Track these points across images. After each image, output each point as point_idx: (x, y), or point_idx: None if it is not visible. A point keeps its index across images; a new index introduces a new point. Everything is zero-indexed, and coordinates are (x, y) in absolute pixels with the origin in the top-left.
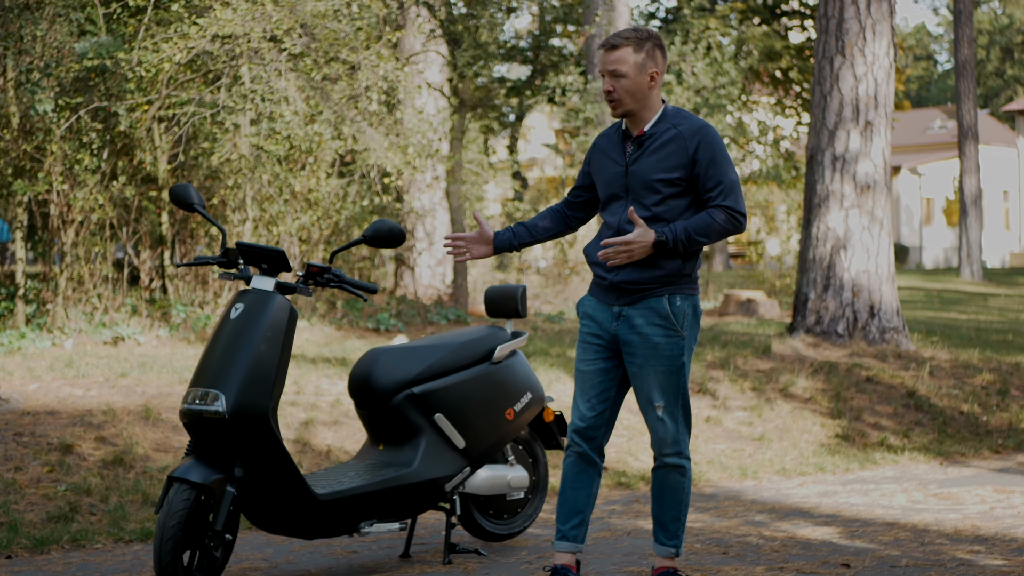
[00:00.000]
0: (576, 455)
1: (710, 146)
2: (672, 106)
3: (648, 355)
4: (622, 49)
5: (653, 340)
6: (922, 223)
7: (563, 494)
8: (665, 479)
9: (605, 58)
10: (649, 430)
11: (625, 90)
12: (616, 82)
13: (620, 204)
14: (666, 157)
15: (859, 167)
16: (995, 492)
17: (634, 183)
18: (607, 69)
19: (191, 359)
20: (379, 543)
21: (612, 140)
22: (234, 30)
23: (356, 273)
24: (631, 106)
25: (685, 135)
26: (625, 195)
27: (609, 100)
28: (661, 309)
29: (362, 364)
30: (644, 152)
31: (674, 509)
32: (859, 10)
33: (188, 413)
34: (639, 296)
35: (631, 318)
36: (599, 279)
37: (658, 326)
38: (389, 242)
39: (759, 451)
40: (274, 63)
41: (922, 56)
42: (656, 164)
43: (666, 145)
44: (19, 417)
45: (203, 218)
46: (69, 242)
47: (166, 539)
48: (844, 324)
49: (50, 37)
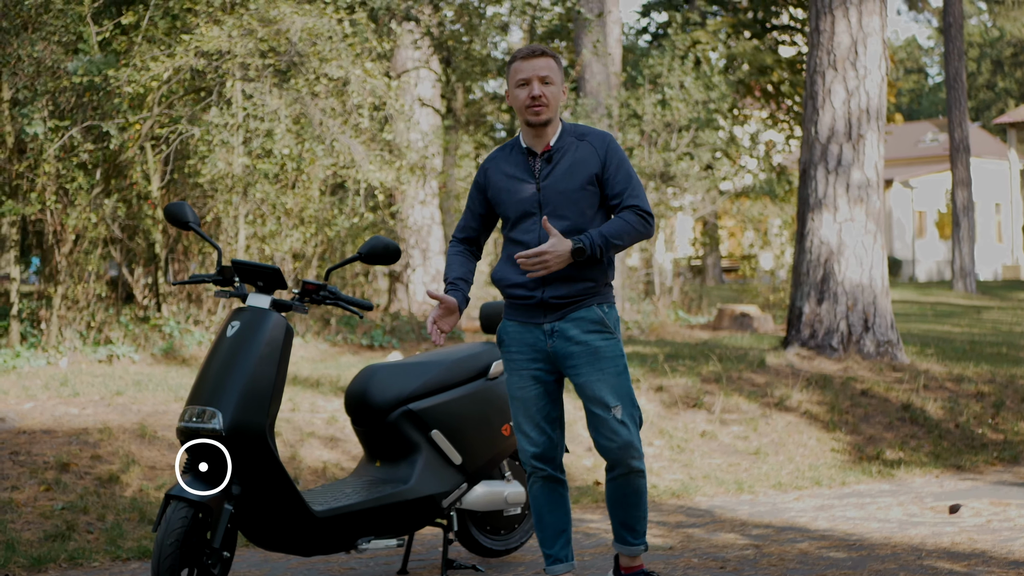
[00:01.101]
0: (542, 479)
1: (617, 151)
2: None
3: (592, 361)
4: (549, 59)
5: (594, 345)
6: (914, 236)
7: (541, 520)
8: (628, 485)
9: (532, 64)
10: (605, 438)
11: (552, 97)
12: (546, 88)
13: (532, 221)
14: (579, 164)
15: (852, 180)
16: (991, 505)
17: (549, 197)
18: (537, 75)
19: (186, 377)
20: (376, 560)
21: (510, 160)
22: (220, 46)
23: (350, 290)
24: (551, 115)
25: (594, 143)
26: (539, 211)
27: (536, 106)
28: (594, 316)
29: (358, 381)
30: (555, 166)
31: (639, 510)
32: (850, 24)
33: (185, 431)
34: (569, 309)
35: (565, 331)
36: (522, 299)
37: (595, 332)
38: (384, 259)
39: (755, 465)
40: (262, 80)
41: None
42: (570, 176)
43: (576, 154)
44: (15, 436)
45: (198, 236)
46: (63, 261)
47: (164, 557)
48: (839, 337)
49: (44, 56)
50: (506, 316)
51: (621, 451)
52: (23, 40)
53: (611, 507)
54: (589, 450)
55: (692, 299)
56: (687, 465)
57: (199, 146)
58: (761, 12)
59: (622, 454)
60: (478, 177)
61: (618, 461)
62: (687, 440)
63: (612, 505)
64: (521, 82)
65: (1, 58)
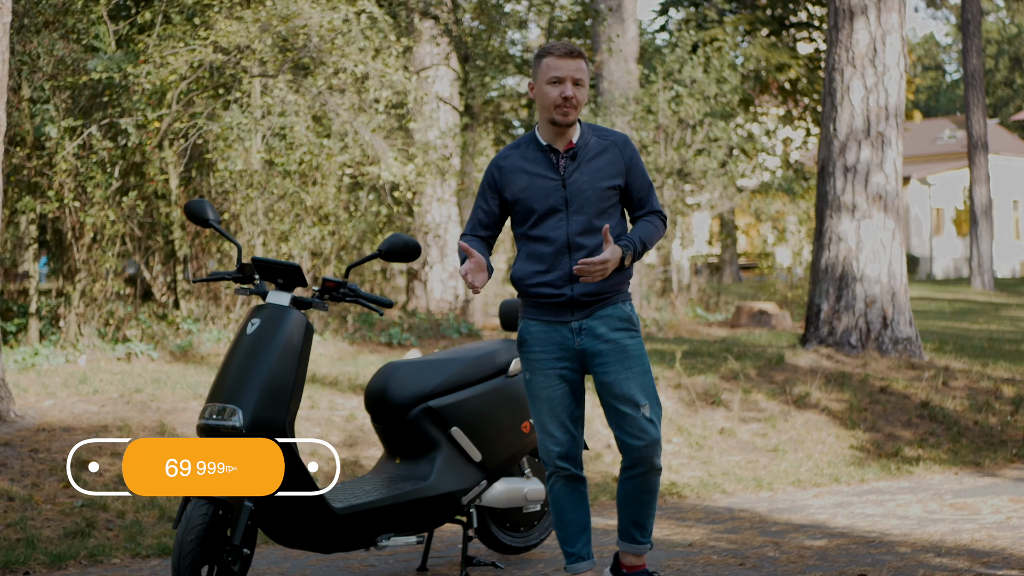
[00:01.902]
0: (564, 479)
1: (637, 155)
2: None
3: (621, 359)
4: (582, 60)
5: (622, 343)
6: (932, 233)
7: (563, 519)
8: (647, 482)
9: (569, 64)
10: (632, 436)
11: (580, 100)
12: (577, 90)
13: (559, 218)
14: (606, 166)
15: (871, 178)
16: (1011, 502)
17: (575, 195)
18: (572, 76)
19: (204, 375)
20: (396, 556)
21: (528, 157)
22: (237, 41)
23: (368, 288)
24: (577, 117)
25: (618, 145)
26: (565, 208)
27: (566, 107)
28: (621, 314)
29: (378, 378)
30: (581, 164)
31: (652, 508)
32: (869, 21)
33: (206, 428)
34: (597, 307)
35: (593, 329)
36: (549, 298)
37: (622, 329)
38: (404, 256)
39: (773, 462)
40: (280, 75)
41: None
42: (597, 174)
43: (601, 155)
44: (34, 433)
45: (217, 233)
46: (81, 258)
47: (184, 554)
48: (857, 335)
49: (65, 55)
50: (527, 316)
51: (648, 449)
52: (43, 39)
53: (623, 504)
54: (608, 447)
55: (710, 296)
56: (706, 463)
57: (218, 143)
58: (779, 9)
59: (648, 452)
60: (489, 176)
61: (643, 459)
62: (706, 438)
63: (625, 502)
64: (554, 80)
65: (21, 56)
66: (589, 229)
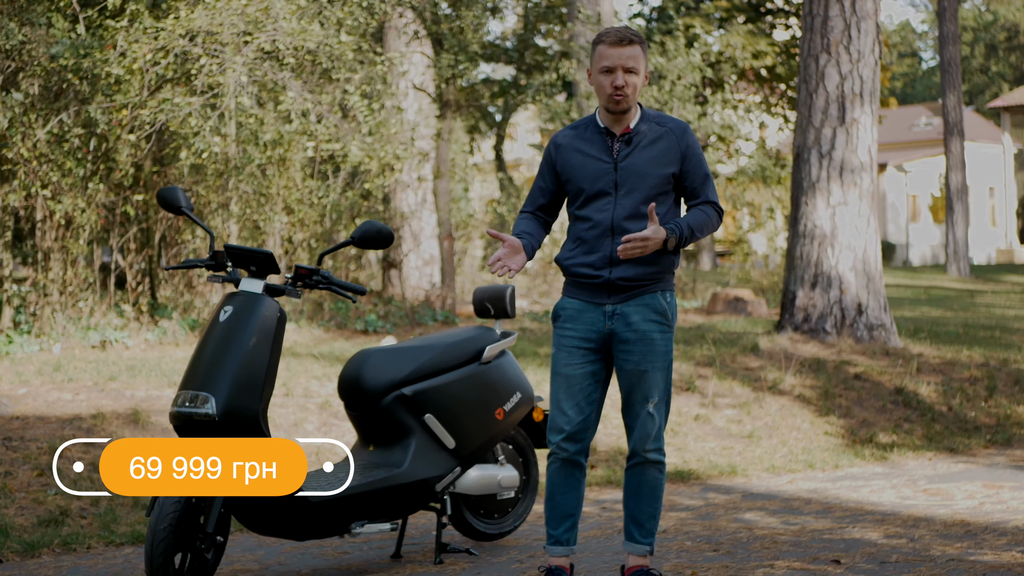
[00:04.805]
0: (562, 461)
1: (695, 144)
2: (644, 106)
3: (645, 352)
4: (636, 46)
5: (650, 336)
6: (908, 220)
7: (552, 500)
8: (643, 475)
9: (620, 52)
10: (630, 427)
11: (634, 87)
12: (629, 78)
13: (607, 200)
14: (661, 154)
15: (845, 164)
16: (984, 487)
17: (626, 179)
18: (623, 65)
19: (179, 362)
20: (370, 544)
21: (585, 138)
22: (200, 24)
23: (343, 275)
24: (632, 104)
25: (675, 132)
26: (614, 191)
27: (618, 96)
28: (657, 305)
29: (351, 365)
30: (635, 148)
31: (651, 506)
32: (844, 8)
33: (178, 416)
34: (634, 293)
35: (627, 315)
36: (588, 279)
37: (654, 322)
38: (377, 243)
39: (748, 448)
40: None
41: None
42: (651, 160)
43: (657, 142)
44: (8, 422)
45: (190, 221)
46: (56, 247)
47: (158, 542)
48: (832, 321)
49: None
50: (567, 294)
51: (642, 440)
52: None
53: (624, 498)
54: None
55: (686, 283)
56: (681, 449)
57: (183, 129)
58: None
59: (640, 444)
60: (547, 153)
61: (635, 451)
62: (680, 424)
63: (625, 495)
64: (605, 69)
65: None
66: (636, 214)
